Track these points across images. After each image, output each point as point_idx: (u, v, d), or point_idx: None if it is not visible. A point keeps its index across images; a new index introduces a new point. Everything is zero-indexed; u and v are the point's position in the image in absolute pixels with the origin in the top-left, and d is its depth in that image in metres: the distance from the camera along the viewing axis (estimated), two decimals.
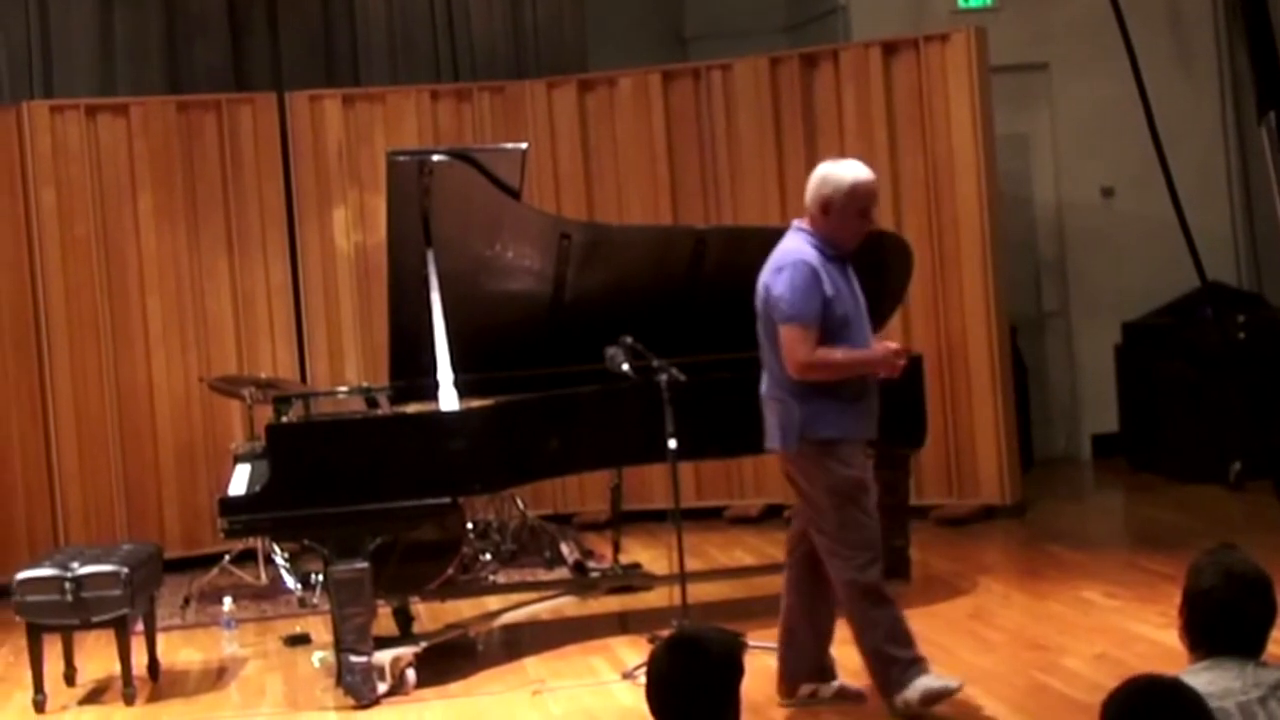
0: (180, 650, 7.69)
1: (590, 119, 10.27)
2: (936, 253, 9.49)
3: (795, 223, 5.95)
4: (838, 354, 5.77)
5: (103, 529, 9.33)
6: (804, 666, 6.10)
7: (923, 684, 5.81)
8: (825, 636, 6.11)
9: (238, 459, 7.39)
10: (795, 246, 5.85)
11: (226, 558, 8.72)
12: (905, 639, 5.89)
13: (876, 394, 5.96)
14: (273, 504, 6.47)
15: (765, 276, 5.87)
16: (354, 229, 9.98)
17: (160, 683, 7.13)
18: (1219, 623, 3.46)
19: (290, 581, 8.48)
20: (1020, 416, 10.04)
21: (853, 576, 5.83)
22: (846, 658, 6.47)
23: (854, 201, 5.83)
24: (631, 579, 8.20)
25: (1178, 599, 3.56)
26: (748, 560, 8.70)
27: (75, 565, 6.71)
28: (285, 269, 9.91)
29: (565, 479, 9.47)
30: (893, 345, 6.05)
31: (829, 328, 5.76)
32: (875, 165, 9.46)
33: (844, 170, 5.90)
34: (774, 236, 6.03)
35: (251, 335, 9.81)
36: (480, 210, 7.14)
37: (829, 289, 5.75)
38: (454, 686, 6.71)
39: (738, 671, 3.36)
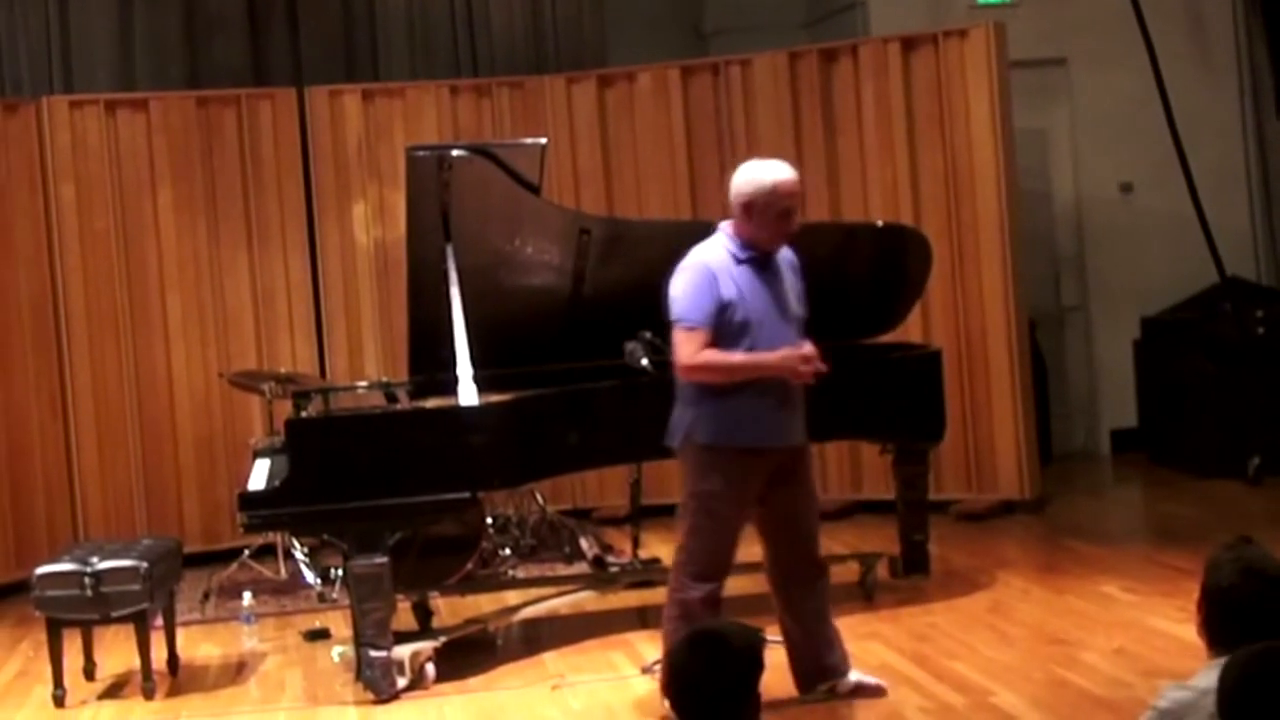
0: (200, 645, 7.70)
1: (609, 114, 10.26)
2: (955, 248, 9.48)
3: (721, 224, 5.91)
4: (721, 356, 5.67)
5: (122, 524, 9.35)
6: (809, 665, 6.07)
7: None
8: (818, 633, 6.08)
9: (257, 454, 7.37)
10: (703, 248, 5.82)
11: (246, 553, 8.74)
12: None
13: (789, 399, 5.81)
14: (292, 499, 6.47)
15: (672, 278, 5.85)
16: (373, 224, 9.98)
17: (180, 678, 7.13)
18: (1237, 618, 3.45)
19: (309, 576, 8.48)
20: (1039, 411, 10.02)
21: (677, 588, 5.84)
22: (864, 653, 6.48)
23: (776, 202, 5.77)
24: (651, 574, 8.17)
25: (1196, 594, 3.55)
26: None
27: (95, 560, 6.72)
28: (305, 264, 9.92)
29: (584, 474, 9.47)
30: (802, 350, 5.75)
31: (726, 332, 5.68)
32: (894, 161, 9.57)
33: (765, 171, 5.85)
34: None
35: (271, 330, 9.82)
36: (499, 205, 7.14)
37: (728, 293, 5.68)
38: (473, 681, 6.71)
39: (758, 666, 3.37)
